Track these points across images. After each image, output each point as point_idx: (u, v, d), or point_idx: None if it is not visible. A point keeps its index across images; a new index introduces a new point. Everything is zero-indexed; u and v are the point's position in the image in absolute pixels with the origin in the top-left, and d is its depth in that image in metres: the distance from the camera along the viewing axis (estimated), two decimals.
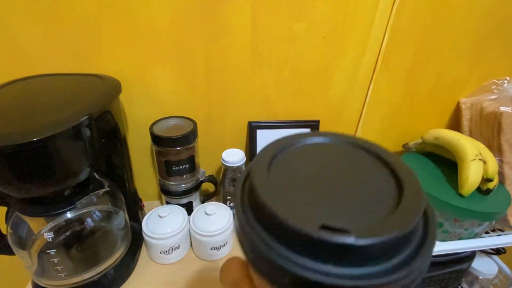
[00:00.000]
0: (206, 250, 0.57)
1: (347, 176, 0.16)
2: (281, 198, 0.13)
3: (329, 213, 0.13)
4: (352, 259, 0.11)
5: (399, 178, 0.15)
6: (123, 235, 0.54)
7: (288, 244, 0.12)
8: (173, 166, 0.58)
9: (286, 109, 0.67)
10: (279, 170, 0.16)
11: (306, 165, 0.17)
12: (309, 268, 0.11)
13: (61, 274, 0.46)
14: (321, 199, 0.14)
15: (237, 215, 0.15)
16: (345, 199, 0.14)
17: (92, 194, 0.46)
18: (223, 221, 0.57)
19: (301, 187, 0.15)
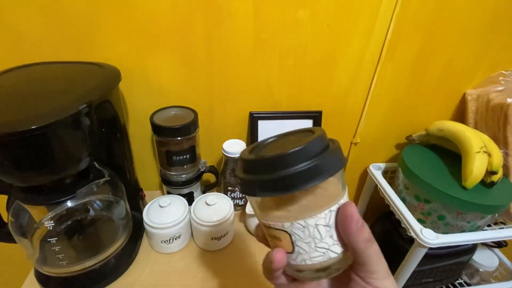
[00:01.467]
0: (206, 239, 0.57)
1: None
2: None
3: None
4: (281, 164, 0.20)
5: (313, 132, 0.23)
6: (124, 224, 0.55)
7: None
8: (173, 156, 0.58)
9: (288, 99, 0.66)
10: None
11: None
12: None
13: (63, 262, 0.46)
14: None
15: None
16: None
17: (92, 183, 0.46)
18: (224, 211, 0.57)
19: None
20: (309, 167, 0.19)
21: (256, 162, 0.21)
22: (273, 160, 0.20)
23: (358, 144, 0.75)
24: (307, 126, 0.67)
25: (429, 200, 0.63)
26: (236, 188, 0.64)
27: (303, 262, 0.22)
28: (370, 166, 0.77)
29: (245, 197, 0.66)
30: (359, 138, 0.74)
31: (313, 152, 0.20)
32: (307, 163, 0.19)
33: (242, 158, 0.23)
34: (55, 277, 0.49)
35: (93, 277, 0.51)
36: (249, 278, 0.54)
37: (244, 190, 0.22)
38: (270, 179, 0.20)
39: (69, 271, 0.48)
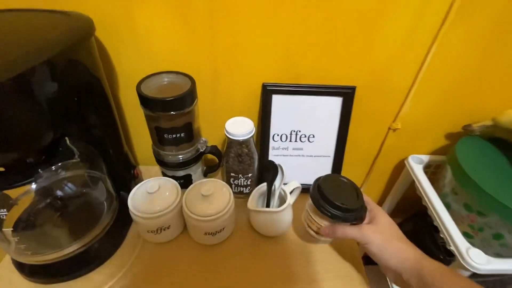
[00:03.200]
0: (199, 234, 0.49)
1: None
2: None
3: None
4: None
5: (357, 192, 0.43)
6: (107, 207, 0.48)
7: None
8: (165, 134, 0.48)
9: (313, 69, 0.52)
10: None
11: None
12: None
13: (33, 251, 0.41)
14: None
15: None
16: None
17: (58, 165, 0.38)
18: (221, 203, 0.48)
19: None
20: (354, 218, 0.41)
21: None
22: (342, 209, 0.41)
23: (398, 130, 0.60)
24: (334, 105, 0.54)
25: (484, 212, 0.49)
26: (240, 174, 0.54)
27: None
28: (409, 157, 0.63)
29: (252, 186, 0.56)
30: (400, 123, 0.59)
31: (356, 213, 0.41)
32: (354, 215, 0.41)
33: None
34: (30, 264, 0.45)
35: (73, 264, 0.46)
36: (242, 277, 0.47)
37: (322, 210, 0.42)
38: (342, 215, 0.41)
39: (43, 260, 0.43)
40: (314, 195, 0.44)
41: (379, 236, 0.35)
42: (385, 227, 0.36)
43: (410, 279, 0.32)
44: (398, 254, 0.34)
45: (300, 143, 0.57)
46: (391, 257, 0.34)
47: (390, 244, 0.35)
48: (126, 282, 0.46)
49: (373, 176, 0.70)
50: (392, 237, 0.35)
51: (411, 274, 0.32)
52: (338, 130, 0.55)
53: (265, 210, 0.49)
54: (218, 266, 0.49)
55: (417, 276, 0.31)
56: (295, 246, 0.52)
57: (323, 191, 0.42)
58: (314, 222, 0.47)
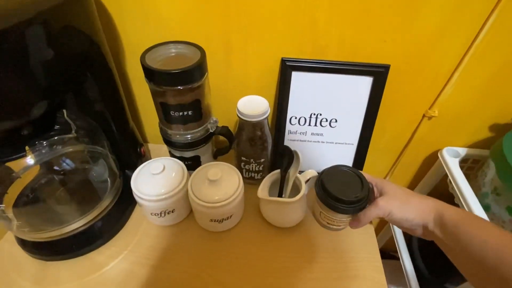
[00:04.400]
0: (205, 220, 0.46)
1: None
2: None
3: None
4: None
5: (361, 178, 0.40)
6: (110, 185, 0.45)
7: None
8: (171, 112, 0.44)
9: (341, 43, 0.45)
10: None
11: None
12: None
13: (34, 228, 0.39)
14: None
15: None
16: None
17: (53, 139, 0.35)
18: (230, 189, 0.44)
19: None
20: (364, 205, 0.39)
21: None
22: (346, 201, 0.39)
23: (434, 118, 0.53)
24: (363, 86, 0.47)
25: None
26: (252, 159, 0.49)
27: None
28: (444, 149, 0.56)
29: (264, 172, 0.52)
30: (438, 110, 0.51)
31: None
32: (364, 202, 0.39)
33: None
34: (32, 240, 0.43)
35: (74, 242, 0.44)
36: (247, 267, 0.44)
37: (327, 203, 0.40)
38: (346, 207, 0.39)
39: (43, 237, 0.41)
40: (320, 193, 0.42)
41: (395, 202, 0.35)
42: (396, 191, 0.37)
43: (435, 228, 0.32)
44: (419, 209, 0.34)
45: (320, 127, 0.51)
46: (414, 214, 0.34)
47: (408, 203, 0.35)
48: (127, 264, 0.44)
49: (399, 169, 0.63)
50: (407, 196, 0.36)
51: (435, 224, 0.32)
52: (365, 114, 0.49)
53: (277, 200, 0.44)
54: (222, 254, 0.46)
55: (440, 224, 0.32)
56: (305, 238, 0.48)
57: (328, 188, 0.41)
58: (325, 216, 0.44)
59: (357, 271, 0.44)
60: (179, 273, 0.43)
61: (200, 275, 0.43)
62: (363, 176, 0.43)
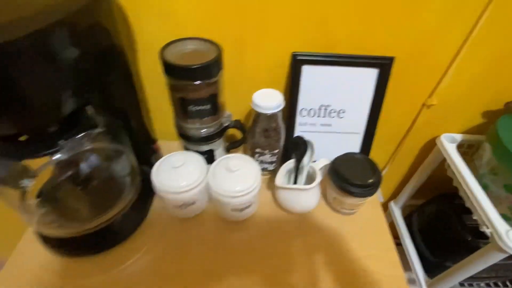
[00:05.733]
0: (225, 210, 0.47)
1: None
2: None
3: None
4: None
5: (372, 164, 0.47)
6: (130, 181, 0.46)
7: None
8: (190, 106, 0.45)
9: (349, 38, 0.47)
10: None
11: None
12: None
13: (57, 223, 0.40)
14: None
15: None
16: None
17: (81, 136, 0.35)
18: (249, 179, 0.46)
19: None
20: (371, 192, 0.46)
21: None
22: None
23: (432, 107, 0.56)
24: (369, 78, 0.50)
25: None
26: (266, 150, 0.51)
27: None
28: (441, 136, 0.60)
29: (276, 163, 0.54)
30: (436, 99, 0.55)
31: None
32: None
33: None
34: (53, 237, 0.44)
35: (96, 238, 0.45)
36: (269, 252, 0.46)
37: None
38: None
39: (65, 233, 0.42)
40: (335, 178, 0.46)
41: None
42: None
43: None
44: None
45: (329, 118, 0.54)
46: None
47: None
48: (150, 257, 0.45)
49: (400, 156, 0.67)
50: None
51: None
52: (371, 105, 0.52)
53: (295, 187, 0.47)
54: (243, 241, 0.48)
55: None
56: (319, 223, 0.50)
57: (342, 174, 0.45)
58: (338, 201, 0.48)
59: (371, 251, 0.47)
60: (202, 263, 0.45)
61: (223, 264, 0.45)
62: (374, 162, 0.47)
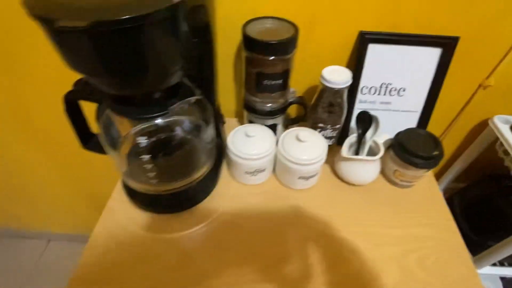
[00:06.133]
0: (292, 178, 0.51)
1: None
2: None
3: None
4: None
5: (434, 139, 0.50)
6: (209, 150, 0.50)
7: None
8: (265, 80, 0.49)
9: (416, 18, 0.50)
10: None
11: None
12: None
13: (146, 178, 0.45)
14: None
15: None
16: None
17: (184, 100, 0.40)
18: (317, 150, 0.49)
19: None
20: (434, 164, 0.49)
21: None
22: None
23: (488, 88, 0.58)
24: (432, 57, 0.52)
25: None
26: (328, 125, 0.54)
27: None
28: (495, 117, 0.61)
29: (336, 139, 0.57)
30: (494, 80, 0.56)
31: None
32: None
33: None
34: (140, 192, 0.49)
35: (173, 201, 0.50)
36: (332, 221, 0.49)
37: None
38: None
39: (150, 189, 0.47)
40: (399, 151, 0.50)
41: None
42: None
43: None
44: None
45: (388, 96, 0.56)
46: None
47: None
48: (227, 217, 0.50)
49: (449, 137, 0.69)
50: None
51: None
52: (431, 84, 0.54)
53: (361, 158, 0.50)
54: (305, 208, 0.51)
55: None
56: (379, 193, 0.54)
57: (407, 146, 0.49)
58: (400, 173, 0.51)
59: (430, 220, 0.50)
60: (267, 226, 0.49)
61: (286, 230, 0.48)
62: (436, 137, 0.49)
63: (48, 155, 0.88)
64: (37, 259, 1.28)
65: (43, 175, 0.96)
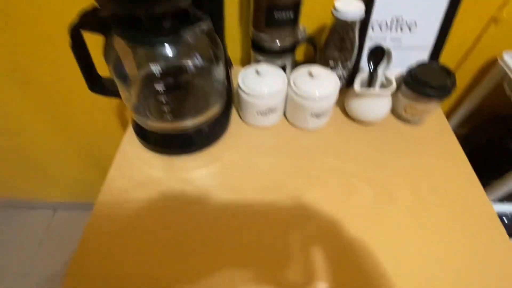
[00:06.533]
0: (304, 116, 0.51)
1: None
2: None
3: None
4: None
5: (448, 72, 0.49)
6: (220, 90, 0.49)
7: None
8: (275, 12, 0.47)
9: None
10: None
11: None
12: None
13: (159, 114, 0.44)
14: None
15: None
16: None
17: (195, 25, 0.38)
18: (329, 86, 0.49)
19: None
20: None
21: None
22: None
23: (500, 23, 0.57)
24: None
25: None
26: (339, 62, 0.53)
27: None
28: (503, 53, 0.61)
29: (345, 80, 0.57)
30: (506, 12, 0.55)
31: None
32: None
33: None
34: (151, 132, 0.48)
35: (186, 141, 0.49)
36: (343, 160, 0.50)
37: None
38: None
39: (160, 126, 0.46)
40: (411, 83, 0.49)
41: None
42: None
43: None
44: None
45: (399, 33, 0.55)
46: None
47: None
48: (240, 157, 0.50)
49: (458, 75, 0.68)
50: None
51: None
52: (444, 17, 0.53)
53: (374, 92, 0.50)
54: (318, 147, 0.51)
55: None
56: (389, 131, 0.54)
57: (419, 77, 0.48)
58: (410, 107, 0.51)
59: (440, 151, 0.51)
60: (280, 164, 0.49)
61: (298, 171, 0.48)
62: (448, 67, 0.49)
63: (52, 122, 0.86)
64: (45, 229, 1.30)
65: (47, 144, 0.95)
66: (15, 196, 1.25)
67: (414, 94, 0.49)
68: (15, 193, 1.23)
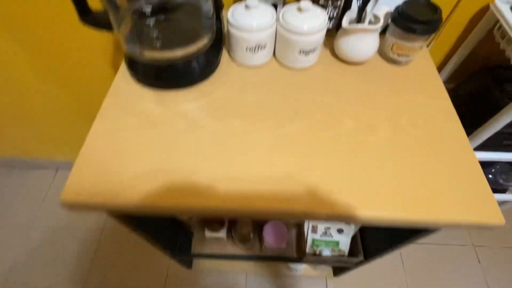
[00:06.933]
0: (293, 53, 0.52)
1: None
2: None
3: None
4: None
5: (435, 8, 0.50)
6: (209, 24, 0.50)
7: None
8: None
9: None
10: None
11: None
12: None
13: (149, 41, 0.45)
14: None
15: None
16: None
17: None
18: (317, 20, 0.49)
19: None
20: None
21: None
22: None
23: None
24: None
25: None
26: (330, 2, 0.54)
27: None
28: None
29: (336, 20, 0.57)
30: None
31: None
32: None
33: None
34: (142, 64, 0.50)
35: (176, 73, 0.51)
36: (332, 98, 0.51)
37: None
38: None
39: (154, 56, 0.47)
40: (398, 19, 0.50)
41: None
42: None
43: None
44: None
45: None
46: None
47: None
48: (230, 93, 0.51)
49: (445, 31, 0.68)
50: None
51: None
52: None
53: (363, 27, 0.50)
54: (307, 85, 0.53)
55: None
56: (376, 72, 0.55)
57: (406, 12, 0.49)
58: (397, 47, 0.52)
59: (423, 89, 0.53)
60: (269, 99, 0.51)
61: (285, 106, 0.50)
62: (435, 4, 0.49)
63: (52, 79, 0.87)
64: (47, 189, 1.34)
65: (47, 102, 0.97)
66: (16, 155, 1.29)
67: (401, 31, 0.50)
68: (16, 152, 1.27)
